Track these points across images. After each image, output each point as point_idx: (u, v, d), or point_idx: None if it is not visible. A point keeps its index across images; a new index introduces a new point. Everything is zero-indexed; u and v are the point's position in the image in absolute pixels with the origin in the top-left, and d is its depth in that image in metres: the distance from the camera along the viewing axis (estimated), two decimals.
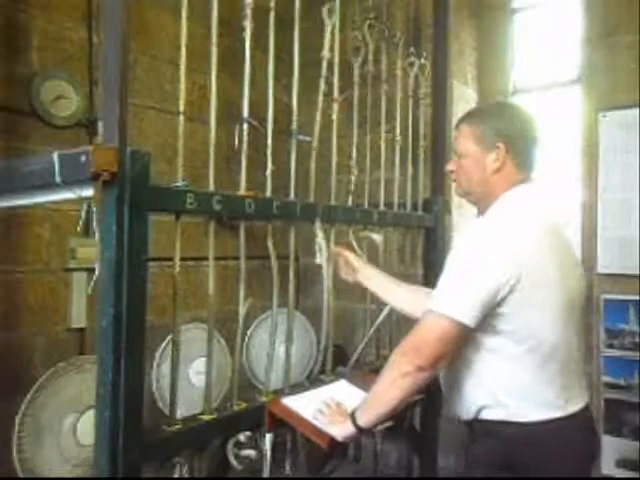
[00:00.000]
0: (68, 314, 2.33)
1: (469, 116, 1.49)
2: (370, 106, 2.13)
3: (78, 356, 1.68)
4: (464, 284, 1.28)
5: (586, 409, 1.37)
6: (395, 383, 1.30)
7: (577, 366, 1.38)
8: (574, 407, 1.33)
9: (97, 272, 1.25)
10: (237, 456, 1.57)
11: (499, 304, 1.26)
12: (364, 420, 1.37)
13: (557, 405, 1.30)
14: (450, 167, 1.53)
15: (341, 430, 1.40)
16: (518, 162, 1.39)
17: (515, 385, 1.30)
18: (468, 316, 1.25)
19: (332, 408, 1.50)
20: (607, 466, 2.73)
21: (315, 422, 1.47)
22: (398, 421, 1.75)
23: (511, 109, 1.50)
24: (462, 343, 1.30)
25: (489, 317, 1.27)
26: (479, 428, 1.36)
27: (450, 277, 1.31)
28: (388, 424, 1.54)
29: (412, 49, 2.33)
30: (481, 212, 1.47)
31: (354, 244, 1.98)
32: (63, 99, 2.34)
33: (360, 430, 1.38)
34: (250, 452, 1.58)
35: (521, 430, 1.28)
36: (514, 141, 1.38)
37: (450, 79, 2.38)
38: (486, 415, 1.32)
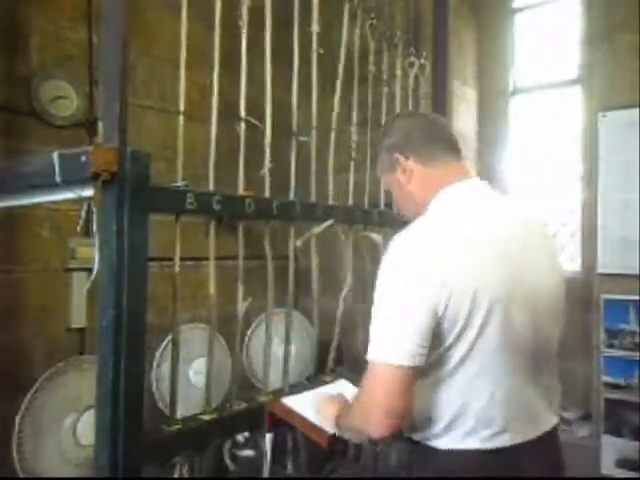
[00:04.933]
0: (68, 314, 2.33)
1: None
2: (371, 106, 2.13)
3: (78, 356, 1.68)
4: (392, 318, 1.08)
5: (534, 442, 1.16)
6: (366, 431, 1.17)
7: (533, 388, 1.18)
8: (509, 441, 1.13)
9: (95, 271, 1.25)
10: (235, 457, 1.57)
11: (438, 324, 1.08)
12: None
13: (481, 436, 1.11)
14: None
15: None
16: (423, 159, 1.27)
17: (438, 405, 1.13)
18: (407, 357, 1.05)
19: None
20: (607, 466, 2.73)
21: (315, 421, 1.47)
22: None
23: (395, 121, 1.42)
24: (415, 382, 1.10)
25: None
26: (414, 447, 1.21)
27: (377, 314, 1.12)
28: None
29: (412, 49, 2.33)
30: None
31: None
32: (63, 99, 2.34)
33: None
34: (249, 452, 1.58)
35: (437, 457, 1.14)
36: (406, 144, 1.29)
37: (450, 79, 2.38)
38: (414, 435, 1.19)
